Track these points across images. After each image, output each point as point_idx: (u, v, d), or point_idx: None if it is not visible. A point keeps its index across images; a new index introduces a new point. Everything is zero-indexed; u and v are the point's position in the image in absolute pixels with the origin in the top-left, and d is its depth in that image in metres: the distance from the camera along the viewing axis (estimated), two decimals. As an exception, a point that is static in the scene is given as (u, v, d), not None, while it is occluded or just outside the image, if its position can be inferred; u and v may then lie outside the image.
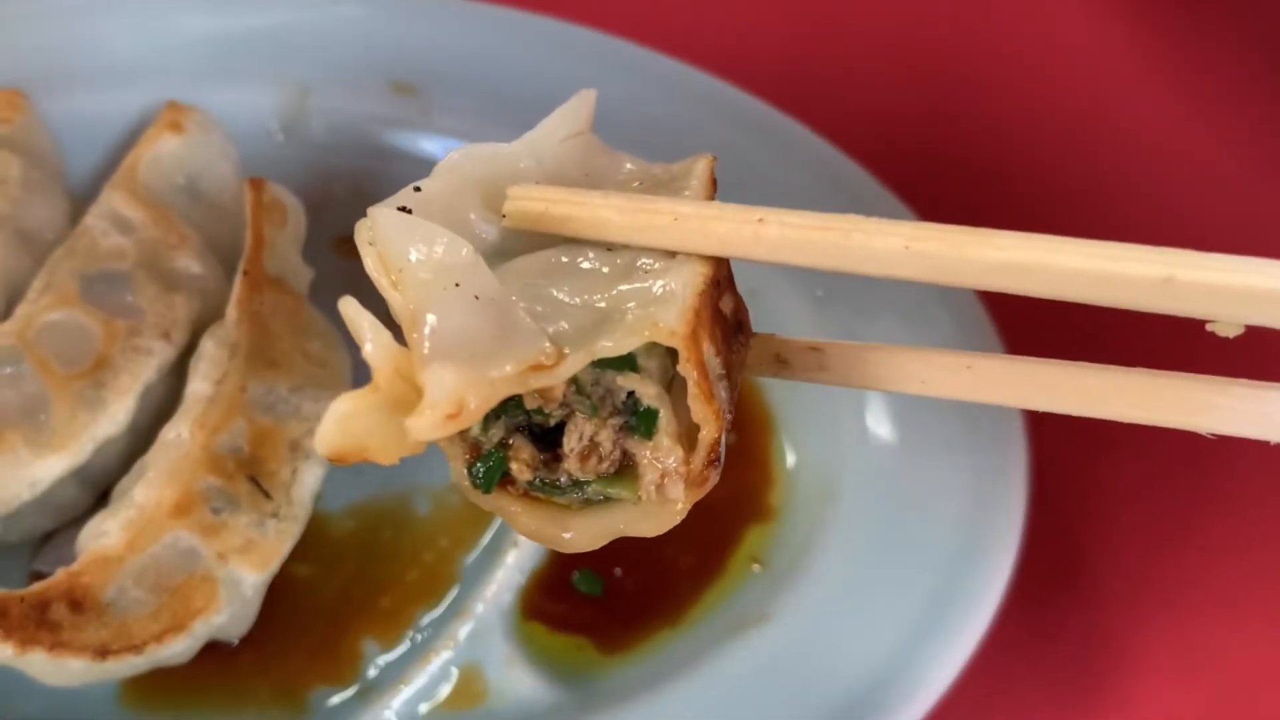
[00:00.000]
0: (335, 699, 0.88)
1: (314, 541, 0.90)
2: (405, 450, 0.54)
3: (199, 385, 0.87)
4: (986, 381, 0.60)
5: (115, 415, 0.86)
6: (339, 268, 1.02)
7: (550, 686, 0.89)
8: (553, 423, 0.59)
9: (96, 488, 0.90)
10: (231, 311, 0.89)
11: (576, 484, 0.59)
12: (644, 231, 0.59)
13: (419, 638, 0.90)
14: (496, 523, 0.95)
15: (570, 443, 0.58)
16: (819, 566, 0.91)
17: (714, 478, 0.58)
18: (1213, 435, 0.56)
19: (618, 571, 0.94)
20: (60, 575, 0.80)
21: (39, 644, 0.77)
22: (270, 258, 0.92)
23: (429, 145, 1.04)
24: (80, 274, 0.89)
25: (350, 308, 0.55)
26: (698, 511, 0.94)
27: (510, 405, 0.57)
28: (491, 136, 1.02)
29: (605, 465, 0.58)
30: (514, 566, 0.93)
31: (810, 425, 0.96)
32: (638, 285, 0.58)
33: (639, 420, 0.58)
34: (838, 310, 0.97)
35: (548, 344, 0.55)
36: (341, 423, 0.54)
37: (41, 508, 0.87)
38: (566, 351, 0.55)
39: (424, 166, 1.02)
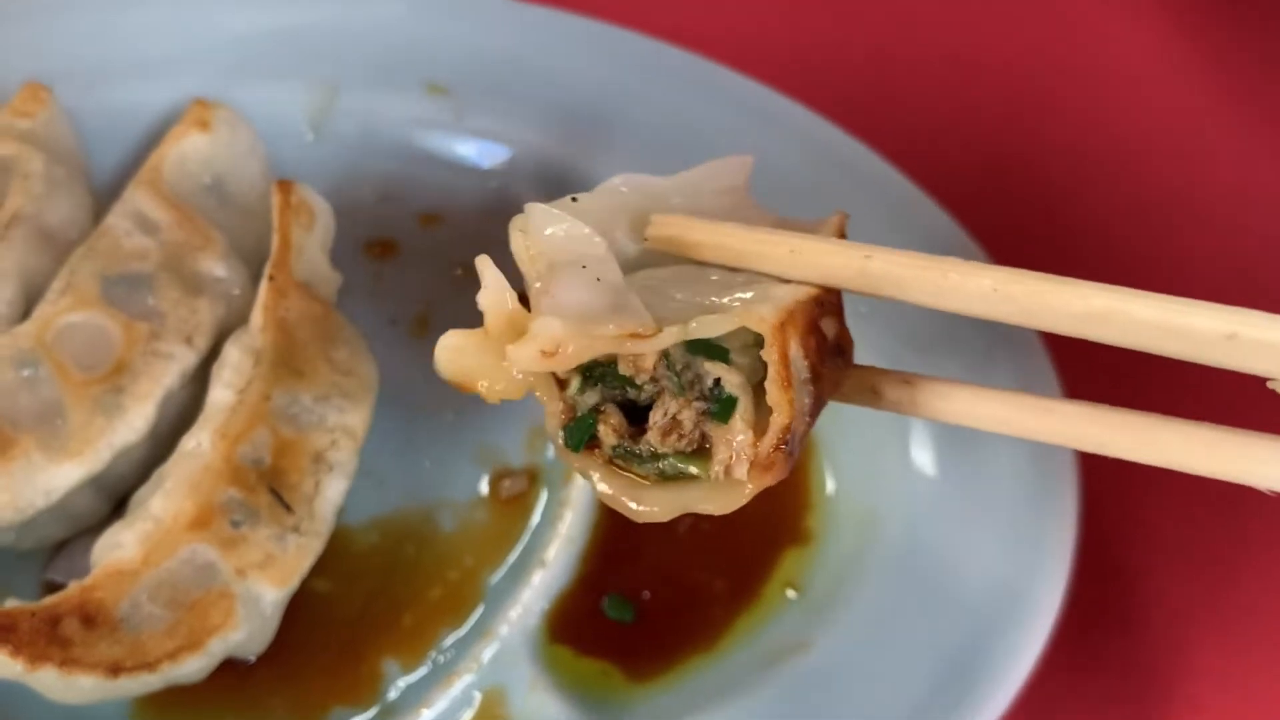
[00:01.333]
0: (354, 721, 0.86)
1: (335, 556, 0.88)
2: (508, 389, 0.62)
3: (221, 393, 0.84)
4: (1067, 425, 0.63)
5: (134, 422, 0.84)
6: (368, 273, 1.00)
7: (575, 713, 0.86)
8: (643, 401, 0.63)
9: (113, 496, 0.87)
10: (256, 317, 0.87)
11: (655, 456, 0.63)
12: (764, 259, 0.66)
13: (441, 659, 0.88)
14: (523, 541, 0.93)
15: (656, 416, 0.63)
16: (858, 594, 0.89)
17: (782, 466, 0.61)
18: (1272, 492, 0.59)
19: (646, 595, 0.91)
20: (73, 589, 0.78)
21: (49, 660, 0.75)
22: (298, 262, 0.89)
23: (462, 148, 1.01)
24: (101, 275, 0.87)
25: (482, 261, 0.63)
26: (731, 532, 0.94)
27: (608, 376, 0.63)
28: (526, 141, 1.02)
29: (684, 443, 0.62)
30: (540, 587, 0.90)
31: (852, 452, 0.93)
32: (747, 294, 0.64)
33: (721, 407, 0.62)
34: (878, 331, 0.93)
35: (650, 320, 0.61)
36: (450, 353, 0.62)
37: (56, 516, 0.84)
38: (667, 328, 0.61)
39: (456, 169, 1.02)
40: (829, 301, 0.66)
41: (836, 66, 1.16)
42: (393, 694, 0.87)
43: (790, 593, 0.91)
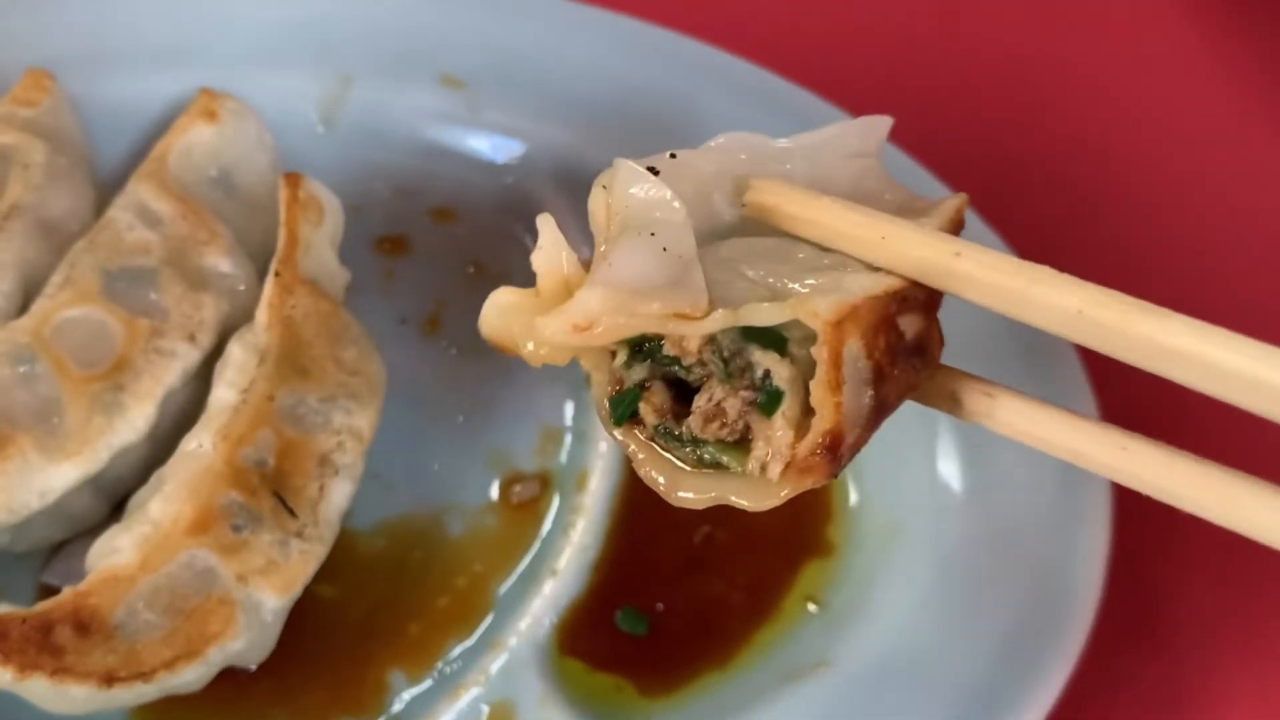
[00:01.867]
0: (357, 734, 0.83)
1: (340, 561, 0.85)
2: (549, 353, 0.60)
3: (224, 392, 0.82)
4: (1138, 467, 0.59)
5: (134, 421, 0.81)
6: (378, 270, 0.98)
7: (586, 729, 0.83)
8: (693, 381, 0.61)
9: (112, 498, 0.85)
10: (261, 314, 0.84)
11: (695, 441, 0.61)
12: (854, 243, 0.63)
13: (448, 670, 0.86)
14: (533, 549, 0.90)
15: (700, 401, 0.60)
16: (882, 609, 0.86)
17: (823, 470, 0.58)
18: None
19: (661, 607, 0.88)
20: (66, 595, 0.75)
21: (40, 669, 0.72)
22: (305, 258, 0.87)
23: (476, 142, 0.99)
24: (102, 269, 0.84)
25: (544, 219, 0.61)
26: (750, 543, 0.91)
27: (658, 353, 0.61)
28: (544, 135, 0.99)
29: (725, 432, 0.60)
30: (551, 597, 0.88)
31: (876, 462, 0.89)
32: (822, 280, 0.60)
33: (768, 399, 0.59)
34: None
35: (704, 300, 0.58)
36: (497, 311, 0.61)
37: (52, 517, 0.82)
38: (716, 311, 0.58)
39: (470, 164, 1.00)
40: (915, 297, 0.62)
41: (858, 60, 1.14)
42: (397, 706, 0.84)
43: (811, 606, 0.88)
